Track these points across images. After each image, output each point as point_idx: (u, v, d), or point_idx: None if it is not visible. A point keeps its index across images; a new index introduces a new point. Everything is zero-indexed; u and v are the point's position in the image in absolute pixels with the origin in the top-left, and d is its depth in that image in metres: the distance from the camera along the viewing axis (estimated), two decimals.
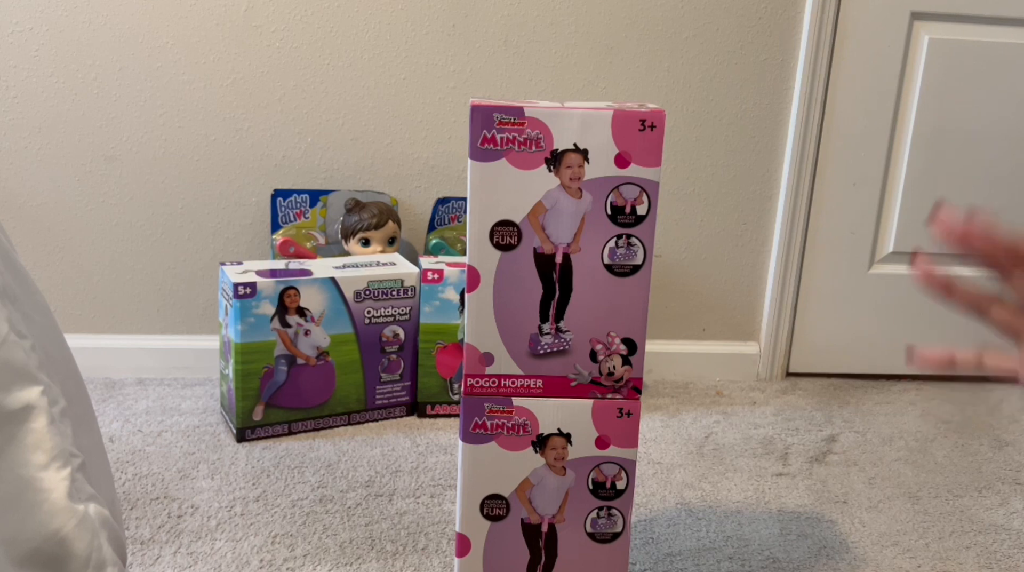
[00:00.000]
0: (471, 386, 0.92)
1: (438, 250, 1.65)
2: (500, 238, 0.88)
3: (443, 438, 1.51)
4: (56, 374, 0.66)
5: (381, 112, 1.65)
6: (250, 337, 1.43)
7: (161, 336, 1.70)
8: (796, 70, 1.69)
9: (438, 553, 1.19)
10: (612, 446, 0.94)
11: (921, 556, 1.24)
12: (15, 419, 0.60)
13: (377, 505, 1.29)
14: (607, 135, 0.86)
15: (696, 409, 1.69)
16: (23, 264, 0.69)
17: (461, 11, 1.61)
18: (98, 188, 1.62)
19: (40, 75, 1.56)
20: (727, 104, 1.70)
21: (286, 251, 1.60)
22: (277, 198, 1.61)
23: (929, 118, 1.72)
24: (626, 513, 0.97)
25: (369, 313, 1.51)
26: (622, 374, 0.93)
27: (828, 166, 1.74)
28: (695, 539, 1.26)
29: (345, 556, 1.17)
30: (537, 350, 0.91)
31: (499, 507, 0.95)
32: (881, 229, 1.79)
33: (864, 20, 1.67)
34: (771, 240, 1.78)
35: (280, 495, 1.30)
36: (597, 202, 0.88)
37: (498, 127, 0.85)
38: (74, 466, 0.63)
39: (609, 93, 1.67)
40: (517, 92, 1.65)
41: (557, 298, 0.90)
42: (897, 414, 1.71)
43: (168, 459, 1.39)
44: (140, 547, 1.16)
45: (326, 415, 1.52)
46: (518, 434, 0.93)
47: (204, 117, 1.61)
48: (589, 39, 1.64)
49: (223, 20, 1.57)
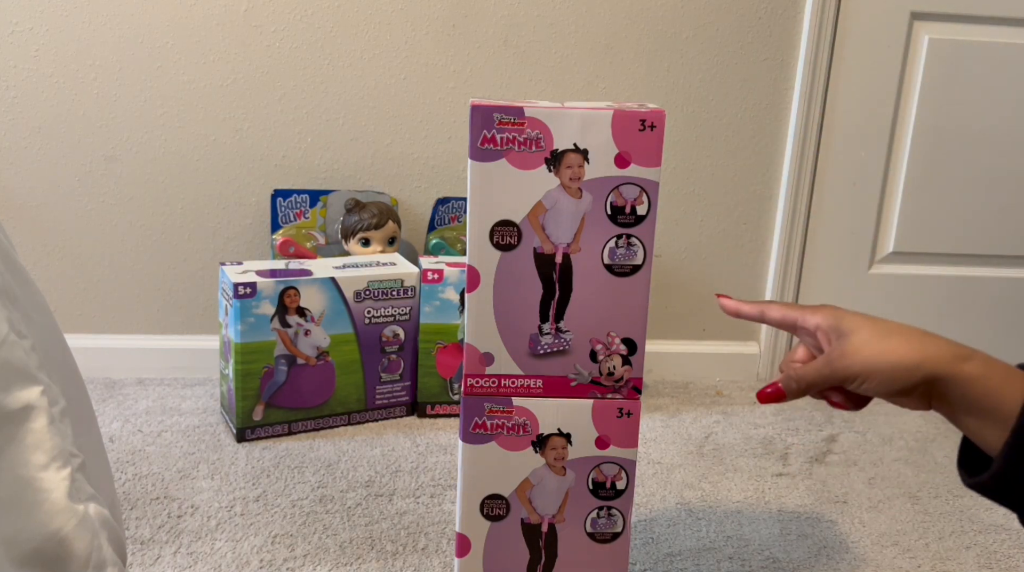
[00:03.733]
0: (471, 386, 0.92)
1: (438, 250, 1.65)
2: (500, 238, 0.88)
3: (443, 438, 1.51)
4: (56, 374, 0.66)
5: (381, 112, 1.65)
6: (250, 337, 1.43)
7: (161, 336, 1.70)
8: (796, 70, 1.69)
9: (438, 553, 1.19)
10: (612, 446, 0.94)
11: (921, 556, 1.24)
12: (15, 419, 0.60)
13: (377, 505, 1.29)
14: (607, 135, 0.86)
15: (696, 409, 1.69)
16: (23, 264, 0.69)
17: (461, 11, 1.61)
18: (98, 188, 1.62)
19: (40, 75, 1.56)
20: (727, 104, 1.70)
21: (286, 251, 1.60)
22: (277, 198, 1.61)
23: (929, 118, 1.72)
24: (626, 513, 0.97)
25: (369, 313, 1.51)
26: (622, 374, 0.93)
27: (828, 166, 1.74)
28: (695, 539, 1.26)
29: (345, 556, 1.17)
30: (537, 350, 0.91)
31: (499, 507, 0.95)
32: (881, 229, 1.79)
33: (864, 20, 1.67)
34: (771, 240, 1.78)
35: (280, 495, 1.30)
36: (597, 202, 0.88)
37: (498, 127, 0.85)
38: (74, 466, 0.63)
39: (609, 93, 1.67)
40: (517, 92, 1.65)
41: (557, 298, 0.90)
42: (897, 414, 1.71)
43: (168, 459, 1.39)
44: (140, 547, 1.16)
45: (326, 415, 1.52)
46: (518, 434, 0.93)
47: (204, 117, 1.61)
48: (589, 39, 1.64)
49: (223, 20, 1.57)
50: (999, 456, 0.66)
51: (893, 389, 0.71)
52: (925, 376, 0.69)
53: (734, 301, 0.85)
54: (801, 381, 0.76)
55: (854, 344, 0.72)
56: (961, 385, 0.68)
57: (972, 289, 1.83)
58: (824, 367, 0.74)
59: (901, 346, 0.70)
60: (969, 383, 0.68)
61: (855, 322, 0.74)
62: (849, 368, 0.72)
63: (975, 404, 0.68)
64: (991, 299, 1.84)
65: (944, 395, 0.70)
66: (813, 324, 0.78)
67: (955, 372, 0.68)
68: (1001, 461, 0.66)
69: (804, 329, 0.80)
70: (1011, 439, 0.65)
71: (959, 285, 1.83)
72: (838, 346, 0.74)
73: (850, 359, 0.72)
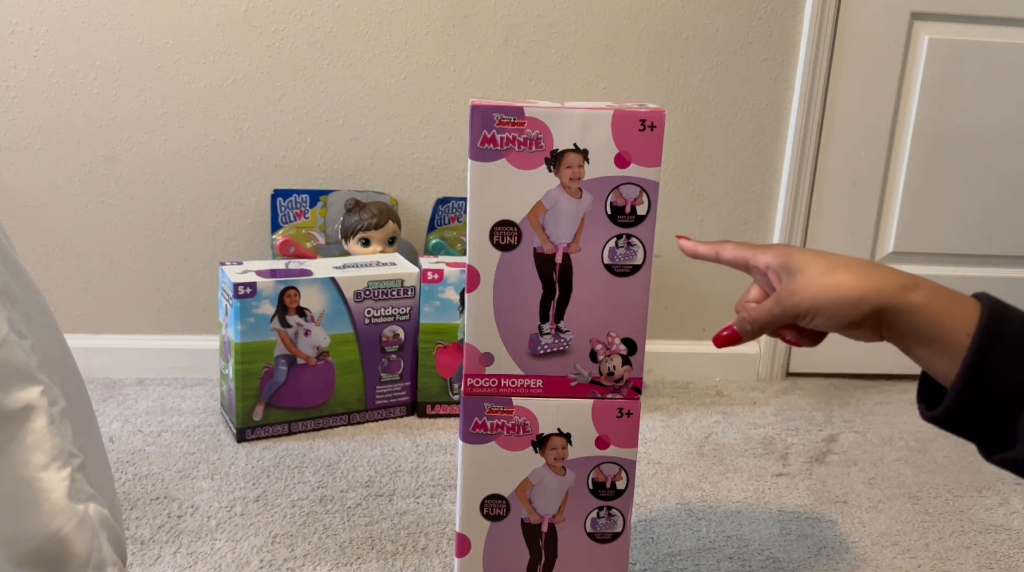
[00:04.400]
0: (471, 386, 0.92)
1: (438, 250, 1.65)
2: (500, 238, 0.88)
3: (443, 438, 1.51)
4: (56, 374, 0.66)
5: (381, 112, 1.65)
6: (250, 337, 1.43)
7: (161, 336, 1.70)
8: (796, 70, 1.69)
9: (438, 553, 1.19)
10: (612, 446, 0.94)
11: (921, 556, 1.24)
12: (15, 419, 0.60)
13: (377, 505, 1.29)
14: (607, 135, 0.86)
15: (696, 409, 1.69)
16: (23, 264, 0.69)
17: (461, 11, 1.61)
18: (98, 188, 1.62)
19: (40, 75, 1.56)
20: (727, 104, 1.70)
21: (286, 251, 1.60)
22: (277, 198, 1.61)
23: (929, 118, 1.72)
24: (626, 513, 0.97)
25: (369, 313, 1.51)
26: (622, 374, 0.93)
27: (828, 166, 1.74)
28: (695, 539, 1.26)
29: (345, 556, 1.17)
30: (537, 350, 0.91)
31: (499, 507, 0.95)
32: (881, 229, 1.79)
33: (864, 20, 1.67)
34: (771, 240, 1.78)
35: (280, 495, 1.30)
36: (597, 202, 0.88)
37: (498, 127, 0.85)
38: (74, 466, 0.63)
39: (609, 93, 1.67)
40: (517, 92, 1.65)
41: (557, 298, 0.90)
42: (897, 414, 1.71)
43: (168, 459, 1.39)
44: (140, 547, 1.16)
45: (326, 415, 1.52)
46: (518, 434, 0.93)
47: (204, 117, 1.61)
48: (589, 39, 1.64)
49: (223, 20, 1.57)
50: (951, 390, 0.66)
51: (842, 323, 0.71)
52: (872, 308, 0.69)
53: (691, 242, 0.86)
54: (755, 323, 0.77)
55: (801, 282, 0.73)
56: (907, 314, 0.68)
57: (972, 289, 1.82)
58: (775, 307, 0.75)
59: (847, 280, 0.70)
60: (915, 312, 0.68)
61: (803, 259, 0.74)
62: (798, 305, 0.73)
63: (922, 334, 0.68)
64: None
65: (892, 325, 0.69)
66: (764, 263, 0.78)
67: (900, 302, 0.68)
68: (954, 395, 0.66)
69: (756, 268, 0.80)
70: (962, 371, 0.65)
71: (959, 285, 1.81)
72: (788, 285, 0.74)
73: (798, 297, 0.73)
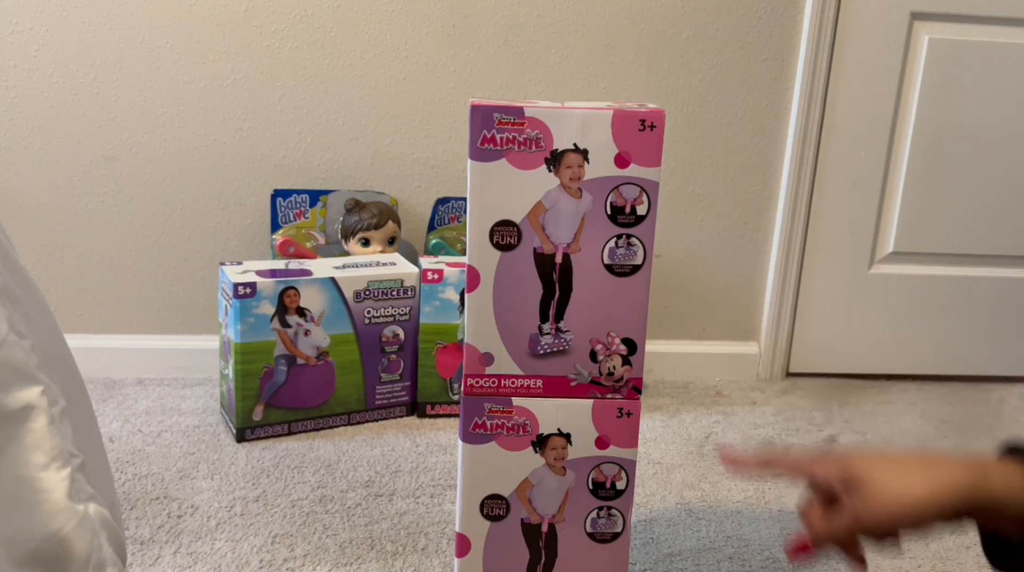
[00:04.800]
0: (471, 386, 0.92)
1: (438, 250, 1.65)
2: (500, 238, 0.88)
3: (443, 438, 1.51)
4: (56, 374, 0.66)
5: (381, 112, 1.65)
6: (250, 337, 1.43)
7: (161, 336, 1.70)
8: (796, 70, 1.69)
9: (438, 553, 1.19)
10: (612, 446, 0.94)
11: (921, 556, 1.24)
12: (15, 419, 0.60)
13: (377, 505, 1.29)
14: (607, 135, 0.86)
15: (696, 409, 1.69)
16: (23, 264, 0.69)
17: (461, 11, 1.61)
18: (98, 188, 1.62)
19: (40, 75, 1.56)
20: (727, 104, 1.70)
21: (286, 251, 1.60)
22: (277, 198, 1.61)
23: (929, 118, 1.72)
24: (626, 513, 0.97)
25: (369, 313, 1.51)
26: (622, 374, 0.93)
27: (828, 166, 1.74)
28: (695, 539, 1.26)
29: (345, 556, 1.17)
30: (537, 350, 0.91)
31: (499, 507, 0.95)
32: (881, 229, 1.79)
33: (864, 20, 1.67)
34: (771, 240, 1.78)
35: (280, 495, 1.30)
36: (597, 202, 0.88)
37: (498, 127, 0.85)
38: (74, 466, 0.63)
39: (609, 93, 1.67)
40: (517, 92, 1.65)
41: (557, 298, 0.90)
42: (897, 414, 1.71)
43: (168, 459, 1.39)
44: (140, 547, 1.16)
45: (326, 415, 1.52)
46: (518, 434, 0.93)
47: (204, 117, 1.61)
48: (589, 39, 1.64)
49: (223, 20, 1.57)
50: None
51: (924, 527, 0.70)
52: (956, 511, 0.69)
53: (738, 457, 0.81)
54: (832, 536, 0.74)
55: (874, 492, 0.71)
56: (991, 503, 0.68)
57: (972, 289, 1.83)
58: (853, 523, 0.72)
59: (916, 483, 0.69)
60: (998, 501, 0.68)
61: (865, 468, 0.72)
62: (878, 518, 0.70)
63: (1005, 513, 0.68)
64: (991, 299, 1.84)
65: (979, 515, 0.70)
66: (823, 476, 0.75)
67: (983, 496, 0.68)
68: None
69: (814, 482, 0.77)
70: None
71: (959, 285, 1.83)
72: (860, 499, 0.71)
73: (876, 510, 0.70)
